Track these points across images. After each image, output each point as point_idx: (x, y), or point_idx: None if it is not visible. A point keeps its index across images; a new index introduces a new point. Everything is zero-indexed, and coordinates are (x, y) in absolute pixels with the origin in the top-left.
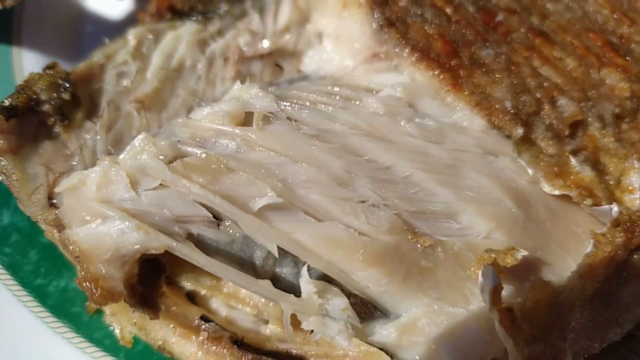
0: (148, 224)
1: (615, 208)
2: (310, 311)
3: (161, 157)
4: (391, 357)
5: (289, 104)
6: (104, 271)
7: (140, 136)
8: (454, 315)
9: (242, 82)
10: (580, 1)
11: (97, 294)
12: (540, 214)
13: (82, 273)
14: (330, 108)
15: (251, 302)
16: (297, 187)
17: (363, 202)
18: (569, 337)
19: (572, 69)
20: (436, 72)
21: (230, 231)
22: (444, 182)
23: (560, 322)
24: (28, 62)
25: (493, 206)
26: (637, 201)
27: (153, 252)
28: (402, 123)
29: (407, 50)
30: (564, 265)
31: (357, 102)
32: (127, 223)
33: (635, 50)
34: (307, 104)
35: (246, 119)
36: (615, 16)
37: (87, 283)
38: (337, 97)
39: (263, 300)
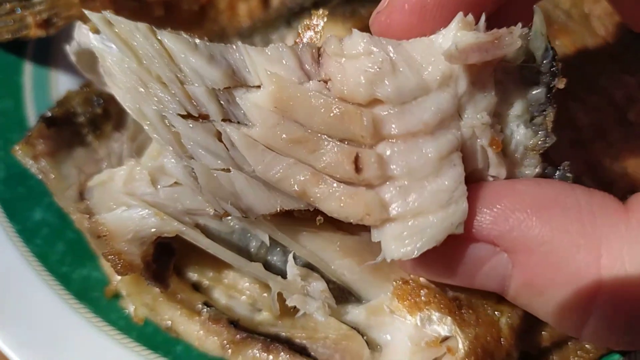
0: (164, 213)
1: None
2: (294, 291)
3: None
4: (363, 336)
5: None
6: (125, 248)
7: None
8: None
9: None
10: None
11: (120, 265)
12: None
13: (108, 249)
14: None
15: (247, 293)
16: None
17: None
18: None
19: None
20: None
21: (231, 223)
22: None
23: None
24: (63, 83)
25: None
26: None
27: (166, 235)
28: None
29: None
30: None
31: None
32: (146, 211)
33: None
34: None
35: None
36: None
37: (112, 256)
38: None
39: (257, 291)
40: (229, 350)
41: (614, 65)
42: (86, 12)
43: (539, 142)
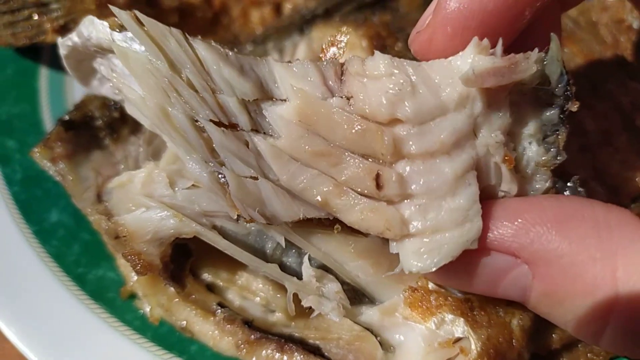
0: (182, 215)
1: None
2: (309, 292)
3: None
4: (376, 337)
5: None
6: (145, 249)
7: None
8: None
9: None
10: None
11: (139, 265)
12: None
13: (128, 249)
14: None
15: (261, 294)
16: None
17: None
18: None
19: None
20: None
21: (247, 225)
22: None
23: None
24: (78, 88)
25: None
26: None
27: (184, 236)
28: None
29: None
30: None
31: None
32: (165, 212)
33: None
34: None
35: None
36: None
37: (132, 256)
38: None
39: (271, 292)
40: (244, 351)
41: (621, 72)
42: (114, 9)
43: (551, 159)
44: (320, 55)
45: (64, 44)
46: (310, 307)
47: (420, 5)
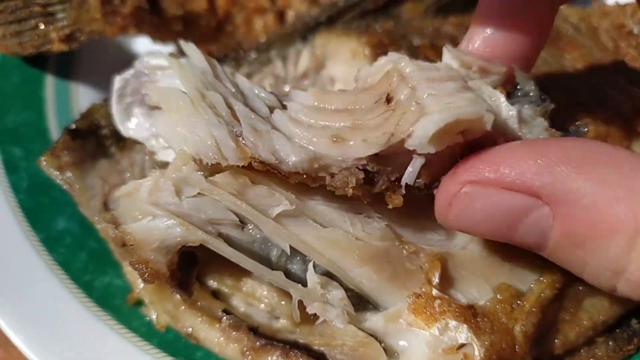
0: (188, 223)
1: None
2: (314, 298)
3: (200, 173)
4: (380, 343)
5: None
6: (152, 257)
7: (178, 153)
8: None
9: None
10: None
11: (147, 274)
12: None
13: (135, 257)
14: None
15: (266, 301)
16: (307, 199)
17: (360, 214)
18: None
19: None
20: None
21: (252, 233)
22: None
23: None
24: (84, 97)
25: None
26: None
27: (191, 244)
28: None
29: None
30: (529, 276)
31: None
32: (172, 221)
33: None
34: None
35: None
36: None
37: (139, 265)
38: None
39: (276, 299)
40: (249, 357)
41: (622, 78)
42: (184, 44)
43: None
44: None
45: (120, 78)
46: (315, 314)
47: (422, 13)
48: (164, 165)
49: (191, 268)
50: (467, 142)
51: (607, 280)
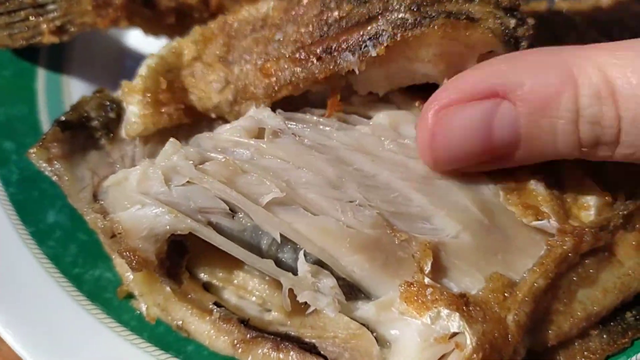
0: (177, 211)
1: (552, 222)
2: (305, 287)
3: (190, 161)
4: (372, 332)
5: (294, 123)
6: (140, 245)
7: (169, 142)
8: None
9: (257, 106)
10: None
11: (134, 262)
12: (503, 221)
13: (123, 246)
14: (328, 129)
15: (257, 293)
16: (298, 187)
17: (351, 202)
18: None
19: None
20: (416, 104)
21: (243, 221)
22: (419, 190)
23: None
24: (75, 89)
25: (461, 211)
26: (592, 217)
27: (180, 232)
28: (385, 142)
29: None
30: (522, 266)
31: (351, 126)
32: (160, 209)
33: None
34: (310, 124)
35: (259, 134)
36: None
37: (127, 253)
38: (335, 121)
39: (267, 291)
40: (240, 350)
41: None
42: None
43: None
44: None
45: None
46: (306, 303)
47: None
48: None
49: (181, 258)
50: None
51: (573, 136)
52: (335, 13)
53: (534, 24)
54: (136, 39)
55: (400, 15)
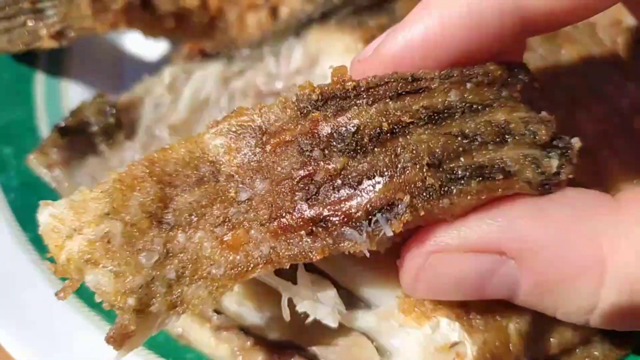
0: None
1: None
2: (304, 297)
3: None
4: (372, 342)
5: None
6: None
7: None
8: None
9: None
10: None
11: None
12: None
13: None
14: None
15: (257, 301)
16: None
17: None
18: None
19: None
20: None
21: None
22: None
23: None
24: (75, 94)
25: None
26: None
27: None
28: None
29: None
30: None
31: None
32: None
33: None
34: None
35: None
36: None
37: None
38: None
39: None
40: (240, 358)
41: (618, 74)
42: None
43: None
44: None
45: None
46: (306, 313)
47: None
48: None
49: None
50: None
51: (580, 317)
52: (324, 167)
53: (578, 150)
54: (135, 43)
55: (417, 177)
